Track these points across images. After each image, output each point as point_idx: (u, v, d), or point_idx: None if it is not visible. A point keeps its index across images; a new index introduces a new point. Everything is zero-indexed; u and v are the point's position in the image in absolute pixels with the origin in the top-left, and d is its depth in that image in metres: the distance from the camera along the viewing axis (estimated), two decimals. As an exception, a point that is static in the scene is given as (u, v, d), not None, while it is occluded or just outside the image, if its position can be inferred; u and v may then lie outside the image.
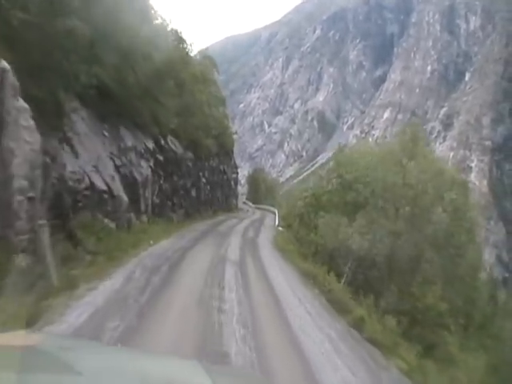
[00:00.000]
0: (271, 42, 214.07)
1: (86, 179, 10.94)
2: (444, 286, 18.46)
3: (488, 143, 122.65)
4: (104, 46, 12.26)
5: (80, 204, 10.46)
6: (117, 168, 14.00)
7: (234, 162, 52.92)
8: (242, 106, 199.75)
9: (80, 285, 7.29)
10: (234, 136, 48.60)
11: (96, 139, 13.28)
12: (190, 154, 24.03)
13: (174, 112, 22.38)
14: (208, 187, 30.12)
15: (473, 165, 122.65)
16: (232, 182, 49.32)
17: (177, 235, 16.63)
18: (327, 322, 9.16)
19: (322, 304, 10.78)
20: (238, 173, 55.88)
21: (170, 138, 20.90)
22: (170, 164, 20.32)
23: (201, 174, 27.51)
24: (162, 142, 19.61)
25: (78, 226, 9.71)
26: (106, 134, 14.28)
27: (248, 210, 52.56)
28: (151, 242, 13.29)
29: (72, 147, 10.86)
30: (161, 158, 18.85)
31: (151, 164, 17.76)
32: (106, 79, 13.31)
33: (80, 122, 12.32)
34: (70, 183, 10.07)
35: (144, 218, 16.15)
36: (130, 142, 16.23)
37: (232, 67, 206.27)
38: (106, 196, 12.08)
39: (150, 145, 17.96)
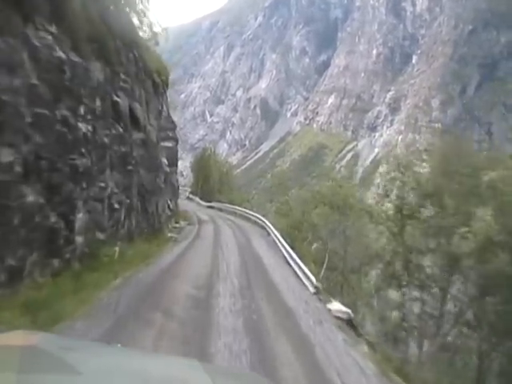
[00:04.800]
0: (212, 31, 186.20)
1: None
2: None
3: (438, 125, 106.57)
4: None
5: None
6: None
7: (168, 111, 22.47)
8: (183, 96, 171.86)
9: None
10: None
11: None
12: None
13: None
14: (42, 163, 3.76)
15: (422, 148, 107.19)
16: (162, 158, 16.46)
17: None
18: None
19: None
20: (177, 140, 26.56)
21: None
22: None
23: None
24: None
25: None
26: None
27: (203, 221, 23.61)
28: None
29: None
30: None
31: None
32: None
33: None
34: None
35: None
36: None
37: (173, 57, 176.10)
38: None
39: None
